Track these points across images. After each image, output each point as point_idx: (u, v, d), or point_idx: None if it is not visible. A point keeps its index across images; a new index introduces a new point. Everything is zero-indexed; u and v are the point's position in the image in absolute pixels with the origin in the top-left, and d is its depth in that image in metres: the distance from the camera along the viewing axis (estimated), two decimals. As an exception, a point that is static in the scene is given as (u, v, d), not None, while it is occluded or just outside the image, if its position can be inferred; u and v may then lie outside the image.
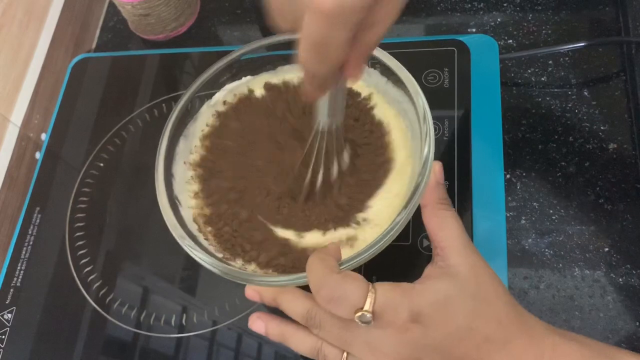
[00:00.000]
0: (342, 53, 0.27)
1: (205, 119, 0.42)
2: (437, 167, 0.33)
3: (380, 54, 0.37)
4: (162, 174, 0.37)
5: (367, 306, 0.28)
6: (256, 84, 0.42)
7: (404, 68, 0.37)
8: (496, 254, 0.39)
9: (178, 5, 0.57)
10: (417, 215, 0.33)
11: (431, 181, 0.33)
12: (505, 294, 0.30)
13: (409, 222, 0.33)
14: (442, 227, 0.32)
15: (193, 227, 0.37)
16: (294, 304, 0.33)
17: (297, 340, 0.33)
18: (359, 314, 0.28)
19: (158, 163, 0.37)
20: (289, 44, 0.40)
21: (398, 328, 0.29)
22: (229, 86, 0.42)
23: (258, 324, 0.34)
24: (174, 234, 0.35)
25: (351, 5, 0.24)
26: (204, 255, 0.34)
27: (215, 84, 0.41)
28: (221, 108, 0.42)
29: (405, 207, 0.32)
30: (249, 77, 0.42)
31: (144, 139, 0.52)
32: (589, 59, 0.48)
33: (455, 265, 0.30)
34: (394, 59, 0.37)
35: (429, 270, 0.31)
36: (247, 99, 0.42)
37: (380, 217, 0.36)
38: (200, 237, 0.36)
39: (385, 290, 0.29)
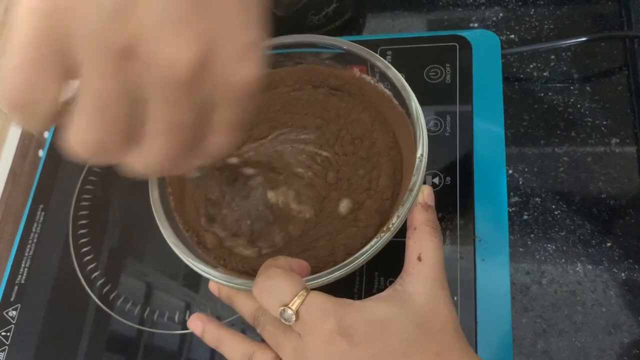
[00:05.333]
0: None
1: None
2: (426, 191, 0.33)
3: (368, 54, 0.37)
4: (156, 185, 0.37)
5: (293, 304, 0.28)
6: None
7: (392, 67, 0.36)
8: (498, 249, 0.39)
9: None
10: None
11: (419, 202, 0.32)
12: (455, 332, 0.29)
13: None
14: (420, 253, 0.31)
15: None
16: (245, 302, 0.33)
17: (231, 346, 0.32)
18: (282, 309, 0.28)
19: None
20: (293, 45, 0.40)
21: (324, 338, 0.28)
22: None
23: (196, 323, 0.34)
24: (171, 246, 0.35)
25: None
26: (193, 259, 0.34)
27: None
28: None
29: (388, 229, 0.31)
30: None
31: (147, 136, 0.52)
32: (591, 54, 0.48)
33: (413, 293, 0.29)
34: (390, 65, 0.37)
35: (382, 292, 0.31)
36: None
37: None
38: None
39: (318, 296, 0.29)
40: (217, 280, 0.33)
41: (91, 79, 0.19)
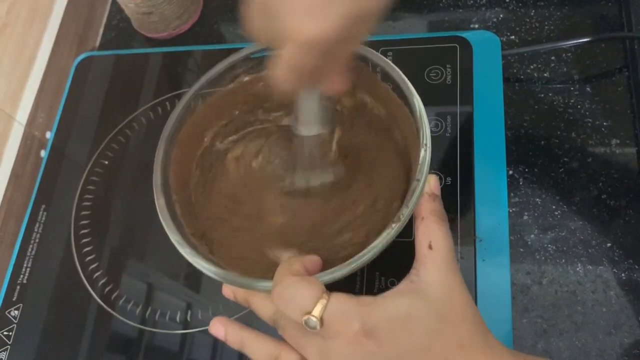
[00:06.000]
0: (317, 75, 0.29)
1: None
2: (433, 180, 0.33)
3: (375, 56, 0.38)
4: (160, 179, 0.37)
5: (315, 311, 0.28)
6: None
7: (396, 67, 0.37)
8: (499, 249, 0.39)
9: (181, 3, 0.57)
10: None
11: (426, 192, 0.33)
12: (474, 320, 0.29)
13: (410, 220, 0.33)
14: (430, 242, 0.31)
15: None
16: (263, 304, 0.33)
17: (255, 347, 0.32)
18: (306, 317, 0.28)
19: (156, 168, 0.38)
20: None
21: (350, 340, 0.28)
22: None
23: (218, 328, 0.34)
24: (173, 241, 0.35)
25: (327, 37, 0.27)
26: (206, 263, 0.34)
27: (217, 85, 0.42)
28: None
29: (398, 219, 0.32)
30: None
31: (148, 136, 0.52)
32: (591, 55, 0.48)
33: (428, 282, 0.29)
34: (387, 60, 0.37)
35: (400, 284, 0.30)
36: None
37: None
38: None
39: (339, 299, 0.29)
40: (233, 283, 0.33)
41: None
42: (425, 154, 0.33)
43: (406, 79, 0.36)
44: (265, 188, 0.39)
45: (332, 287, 0.31)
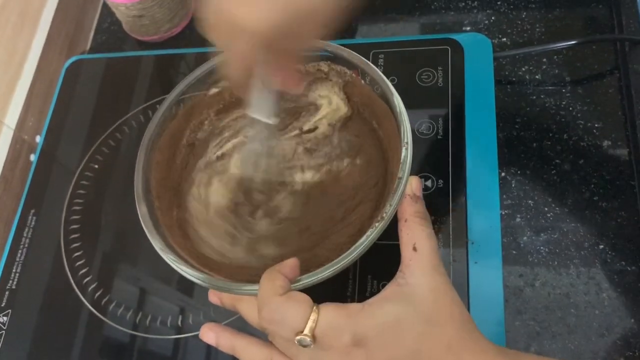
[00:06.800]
0: (266, 69, 0.32)
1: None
2: (414, 182, 0.33)
3: (355, 57, 0.38)
4: (142, 186, 0.37)
5: (307, 330, 0.28)
6: None
7: (375, 68, 0.37)
8: (491, 252, 0.39)
9: (172, 6, 0.57)
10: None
11: (408, 194, 0.33)
12: (461, 318, 0.29)
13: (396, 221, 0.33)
14: (414, 244, 0.31)
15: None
16: (251, 310, 0.33)
17: (248, 354, 0.32)
18: (299, 337, 0.28)
19: (137, 175, 0.38)
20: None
21: (341, 351, 0.28)
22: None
23: (209, 335, 0.34)
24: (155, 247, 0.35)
25: (268, 29, 0.29)
26: (190, 269, 0.34)
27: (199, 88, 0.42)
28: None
29: (382, 218, 0.32)
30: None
31: (139, 140, 0.51)
32: (582, 57, 0.48)
33: (415, 285, 0.30)
34: (367, 61, 0.37)
35: (387, 288, 0.31)
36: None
37: None
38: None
39: (329, 313, 0.29)
40: (218, 288, 0.33)
41: None
42: (406, 153, 0.33)
43: (386, 78, 0.36)
44: (247, 188, 0.39)
45: (326, 290, 0.31)
